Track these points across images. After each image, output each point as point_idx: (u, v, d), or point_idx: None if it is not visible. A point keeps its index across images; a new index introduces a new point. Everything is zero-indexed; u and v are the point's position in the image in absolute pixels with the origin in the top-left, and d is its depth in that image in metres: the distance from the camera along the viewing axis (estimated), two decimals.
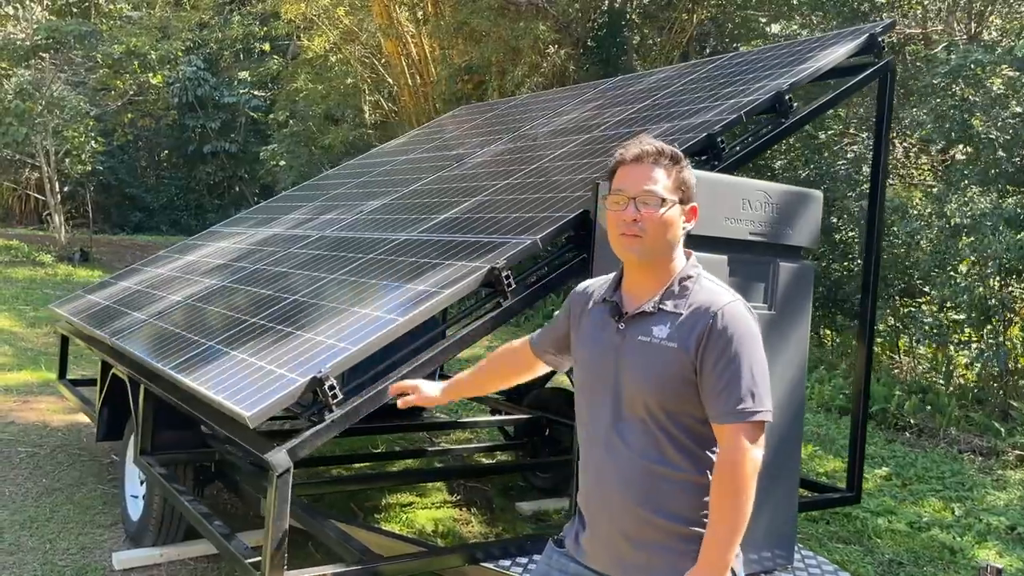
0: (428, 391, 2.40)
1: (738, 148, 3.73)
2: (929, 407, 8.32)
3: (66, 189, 18.90)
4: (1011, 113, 7.95)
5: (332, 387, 2.81)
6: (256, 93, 23.49)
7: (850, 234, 10.27)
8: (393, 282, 3.43)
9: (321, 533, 3.42)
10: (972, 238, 7.99)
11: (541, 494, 5.62)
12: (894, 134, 9.93)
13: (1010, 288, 8.50)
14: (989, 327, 8.48)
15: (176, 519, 4.06)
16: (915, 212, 8.76)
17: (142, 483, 4.21)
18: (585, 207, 3.36)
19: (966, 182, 8.24)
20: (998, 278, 8.24)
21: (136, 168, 25.53)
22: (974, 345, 8.70)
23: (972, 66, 8.18)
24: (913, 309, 10.02)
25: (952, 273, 8.48)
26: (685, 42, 15.32)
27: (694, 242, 2.91)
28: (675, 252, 1.99)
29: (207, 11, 23.13)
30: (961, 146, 8.68)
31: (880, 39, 4.18)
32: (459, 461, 6.05)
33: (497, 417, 5.70)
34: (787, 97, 3.82)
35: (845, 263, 10.49)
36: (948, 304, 8.90)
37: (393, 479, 5.18)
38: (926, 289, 9.37)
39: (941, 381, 9.06)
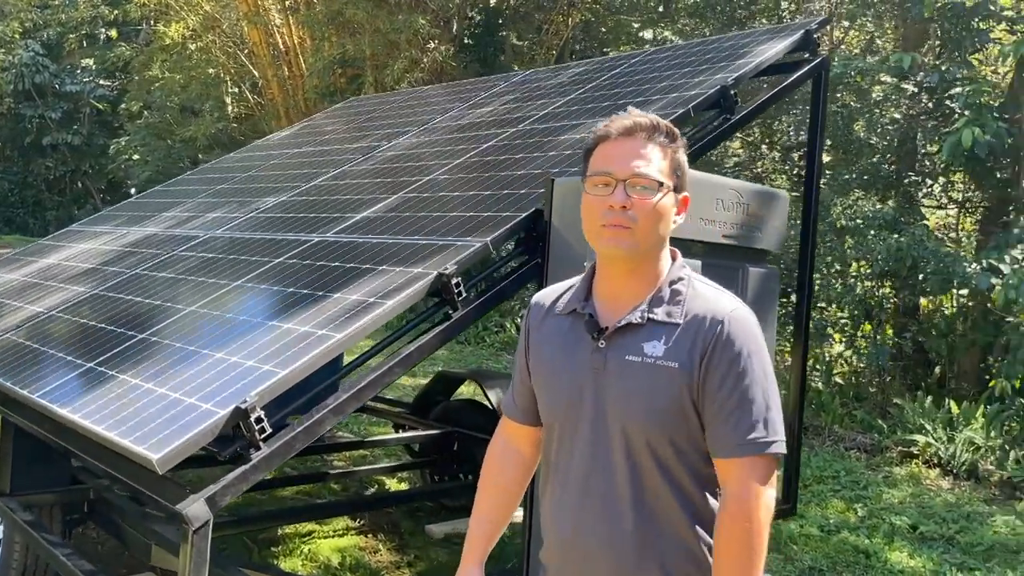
0: None
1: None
2: (813, 405, 8.48)
3: None
4: (889, 119, 8.20)
5: (260, 419, 2.34)
6: (103, 82, 21.78)
7: None
8: (315, 291, 2.97)
9: None
10: (855, 239, 8.21)
11: (451, 514, 5.23)
12: (776, 138, 10.14)
13: (884, 289, 8.81)
14: (869, 326, 8.76)
15: (43, 570, 3.44)
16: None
17: None
18: (535, 205, 3.02)
19: (851, 186, 8.46)
20: (876, 280, 8.51)
21: None
22: (858, 344, 8.96)
23: (852, 73, 8.40)
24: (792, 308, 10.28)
25: (830, 272, 8.70)
26: (560, 44, 15.27)
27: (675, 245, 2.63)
28: (664, 250, 1.65)
29: None
30: (842, 152, 8.91)
31: (815, 36, 4.06)
32: (357, 482, 5.57)
33: (406, 434, 5.27)
34: (732, 92, 3.62)
35: None
36: (825, 304, 9.12)
37: (297, 517, 4.62)
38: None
39: (822, 381, 9.29)
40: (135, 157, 15.63)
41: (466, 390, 6.56)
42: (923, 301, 8.97)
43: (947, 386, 8.53)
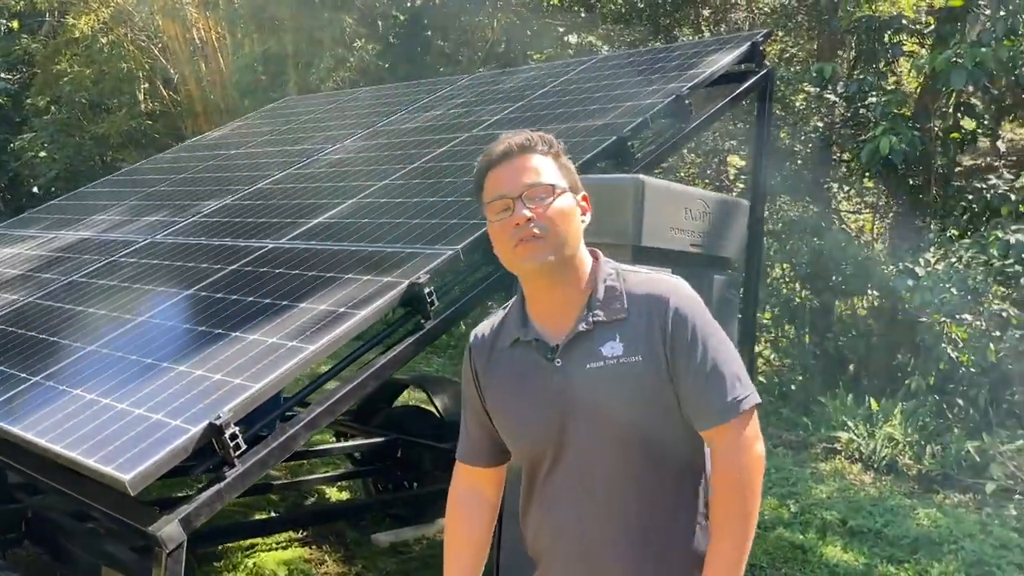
0: None
1: (639, 154, 3.54)
2: None
3: None
4: (812, 127, 8.49)
5: (234, 436, 2.26)
6: (3, 75, 20.66)
7: None
8: (278, 301, 2.88)
9: None
10: (780, 243, 8.48)
11: (397, 522, 5.15)
12: (701, 145, 10.37)
13: (806, 291, 9.12)
14: (791, 327, 9.05)
15: None
16: None
17: None
18: None
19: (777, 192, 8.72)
20: (800, 282, 8.81)
21: None
22: (781, 343, 9.24)
23: (776, 82, 8.67)
24: None
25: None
26: (487, 47, 15.27)
27: (644, 255, 2.65)
28: (581, 251, 1.65)
29: None
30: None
31: (760, 47, 4.17)
32: (296, 492, 5.44)
33: (350, 443, 5.17)
34: (687, 102, 3.68)
35: None
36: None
37: (246, 533, 4.47)
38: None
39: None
40: (41, 154, 14.87)
41: (409, 396, 6.49)
42: (838, 303, 9.32)
43: (861, 384, 8.88)
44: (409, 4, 14.09)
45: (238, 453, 2.27)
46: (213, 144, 6.09)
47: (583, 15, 14.52)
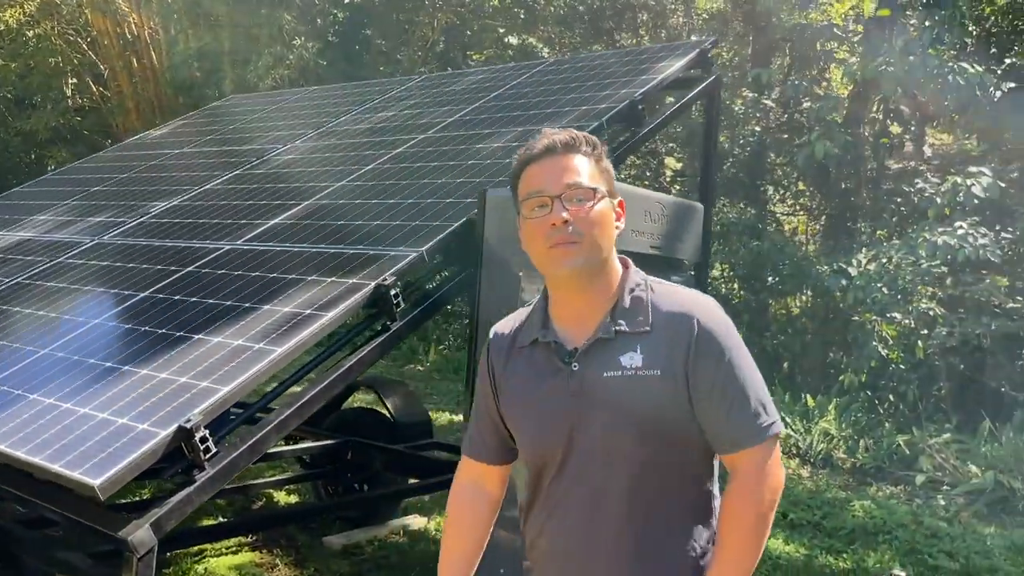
0: None
1: None
2: None
3: None
4: (750, 131, 8.72)
5: (205, 439, 2.24)
6: None
7: None
8: (240, 303, 2.86)
9: None
10: (719, 244, 8.68)
11: (347, 524, 5.13)
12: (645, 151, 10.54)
13: (743, 291, 9.37)
14: None
15: None
16: None
17: None
18: (464, 216, 3.03)
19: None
20: (740, 282, 9.04)
21: None
22: None
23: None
24: None
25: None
26: (427, 46, 15.23)
27: None
28: (614, 259, 1.62)
29: None
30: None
31: (708, 54, 4.28)
32: (243, 496, 5.37)
33: (301, 445, 5.12)
34: (640, 107, 3.77)
35: None
36: None
37: (190, 539, 4.36)
38: None
39: None
40: None
41: (359, 398, 6.46)
42: (772, 302, 9.59)
43: (797, 381, 9.16)
44: (348, 1, 13.99)
45: (208, 456, 2.25)
46: (155, 143, 5.96)
47: (523, 16, 14.59)
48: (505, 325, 1.74)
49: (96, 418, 2.36)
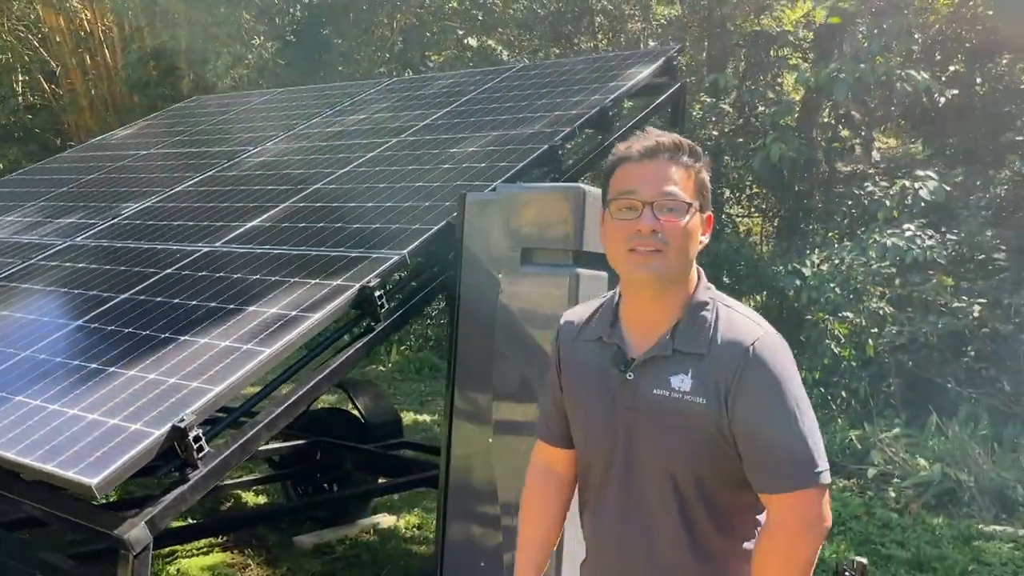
0: None
1: (569, 161, 3.72)
2: None
3: None
4: (708, 136, 8.92)
5: (198, 438, 2.30)
6: None
7: None
8: (224, 304, 2.90)
9: None
10: None
11: (318, 524, 5.17)
12: None
13: None
14: None
15: None
16: None
17: None
18: (443, 219, 3.11)
19: None
20: None
21: None
22: None
23: None
24: None
25: None
26: (387, 47, 15.22)
27: (585, 259, 2.82)
28: (691, 272, 1.59)
29: None
30: None
31: (674, 62, 4.41)
32: (212, 498, 5.36)
33: (271, 445, 5.13)
34: (611, 113, 3.88)
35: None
36: None
37: (160, 541, 4.36)
38: None
39: None
40: None
41: (326, 398, 6.49)
42: None
43: None
44: (307, 1, 13.93)
45: (201, 455, 2.30)
46: (120, 144, 5.92)
47: (481, 18, 14.66)
48: (575, 314, 1.75)
49: (86, 419, 2.39)
